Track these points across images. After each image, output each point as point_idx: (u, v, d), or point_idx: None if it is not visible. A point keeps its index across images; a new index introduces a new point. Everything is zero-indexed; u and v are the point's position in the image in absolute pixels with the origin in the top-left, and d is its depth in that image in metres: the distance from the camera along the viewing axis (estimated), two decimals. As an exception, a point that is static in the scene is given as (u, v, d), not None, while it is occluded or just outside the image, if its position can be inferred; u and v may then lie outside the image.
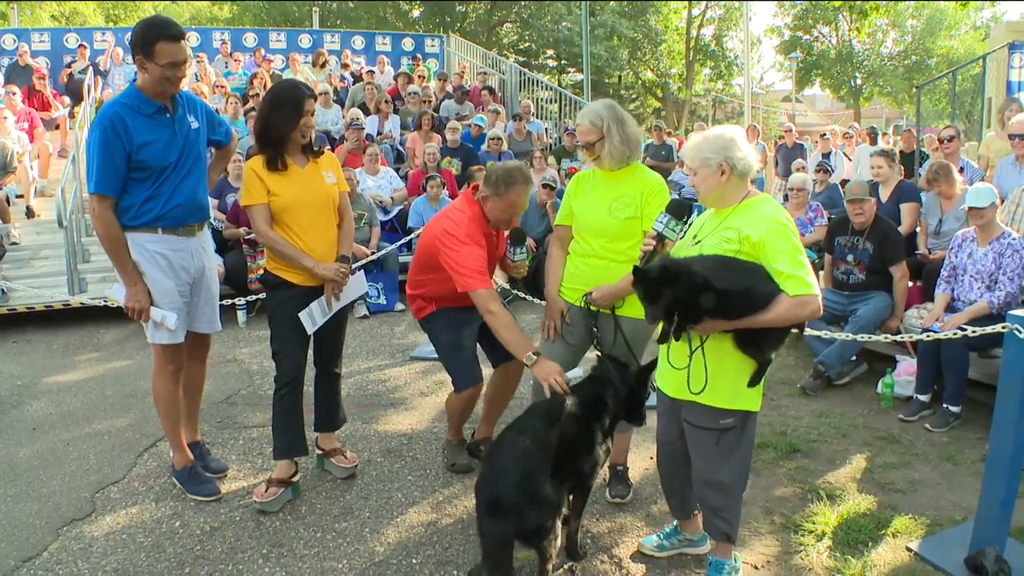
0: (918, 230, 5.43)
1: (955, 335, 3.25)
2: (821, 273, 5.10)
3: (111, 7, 28.11)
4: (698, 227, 2.50)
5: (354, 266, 3.42)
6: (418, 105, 10.11)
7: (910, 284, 4.85)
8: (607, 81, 30.31)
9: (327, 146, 6.02)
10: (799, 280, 2.17)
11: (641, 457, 3.60)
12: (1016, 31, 12.68)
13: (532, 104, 11.93)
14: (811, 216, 6.05)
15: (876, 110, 39.27)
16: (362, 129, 8.48)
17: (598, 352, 2.94)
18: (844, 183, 7.37)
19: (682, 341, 2.37)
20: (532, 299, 5.16)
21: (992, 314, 3.95)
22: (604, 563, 2.76)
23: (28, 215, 7.80)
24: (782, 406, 4.38)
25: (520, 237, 3.35)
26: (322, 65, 12.24)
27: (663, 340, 2.41)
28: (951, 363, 3.99)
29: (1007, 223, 4.61)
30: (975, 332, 3.04)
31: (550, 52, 30.59)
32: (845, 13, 28.45)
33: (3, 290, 6.35)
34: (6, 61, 11.33)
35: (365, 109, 9.94)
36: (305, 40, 14.01)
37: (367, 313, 6.72)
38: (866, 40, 33.62)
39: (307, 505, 3.20)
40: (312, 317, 3.15)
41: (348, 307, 3.46)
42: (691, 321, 2.26)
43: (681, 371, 2.41)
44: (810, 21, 34.80)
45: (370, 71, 11.55)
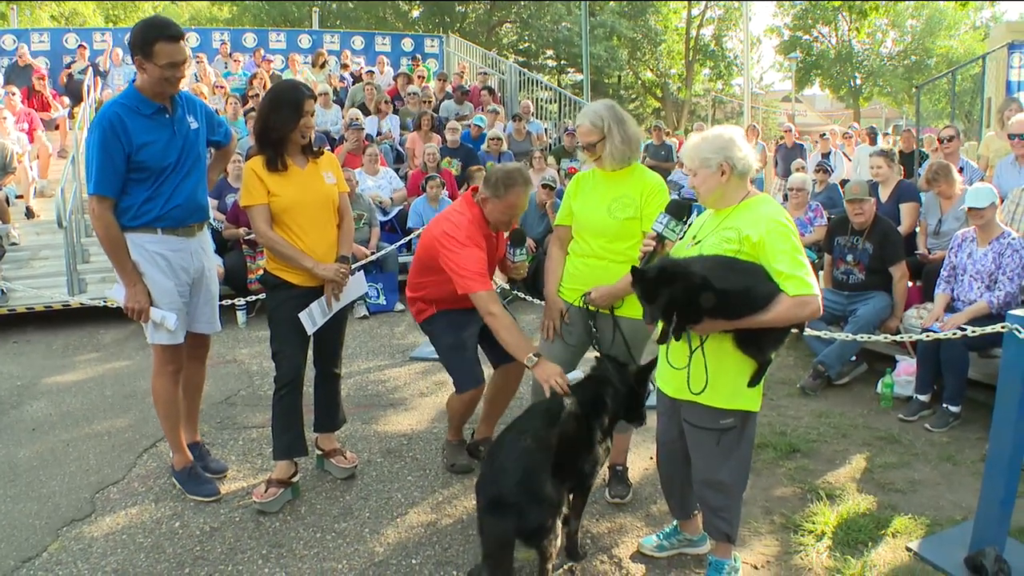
0: (918, 230, 5.44)
1: (955, 335, 3.26)
2: (821, 273, 5.10)
3: (111, 7, 28.11)
4: (698, 227, 2.50)
5: (354, 266, 3.42)
6: (418, 105, 10.11)
7: (910, 284, 4.86)
8: (607, 81, 30.32)
9: (327, 146, 6.01)
10: (799, 280, 2.17)
11: (641, 457, 3.60)
12: (1015, 31, 12.68)
13: (532, 104, 11.93)
14: (811, 216, 6.05)
15: (876, 110, 39.28)
16: (362, 129, 8.49)
17: (597, 352, 2.94)
18: (844, 183, 7.37)
19: (682, 341, 2.37)
20: (532, 299, 5.16)
21: (992, 314, 3.95)
22: (604, 563, 2.76)
23: (28, 215, 7.81)
24: (782, 406, 4.38)
25: (520, 238, 3.35)
26: (322, 65, 12.24)
27: (663, 340, 2.41)
28: (951, 363, 3.99)
29: (1007, 223, 4.61)
30: (975, 332, 3.04)
31: (550, 52, 30.60)
32: (845, 13, 28.49)
33: (3, 290, 6.35)
34: (6, 61, 11.32)
35: (365, 109, 9.95)
36: (305, 40, 14.00)
37: (367, 313, 6.72)
38: (866, 40, 33.65)
39: (307, 506, 3.20)
40: (312, 317, 3.15)
41: (348, 307, 3.46)
42: (691, 321, 2.26)
43: (681, 371, 2.41)
44: (810, 21, 34.82)
45: (370, 71, 11.55)
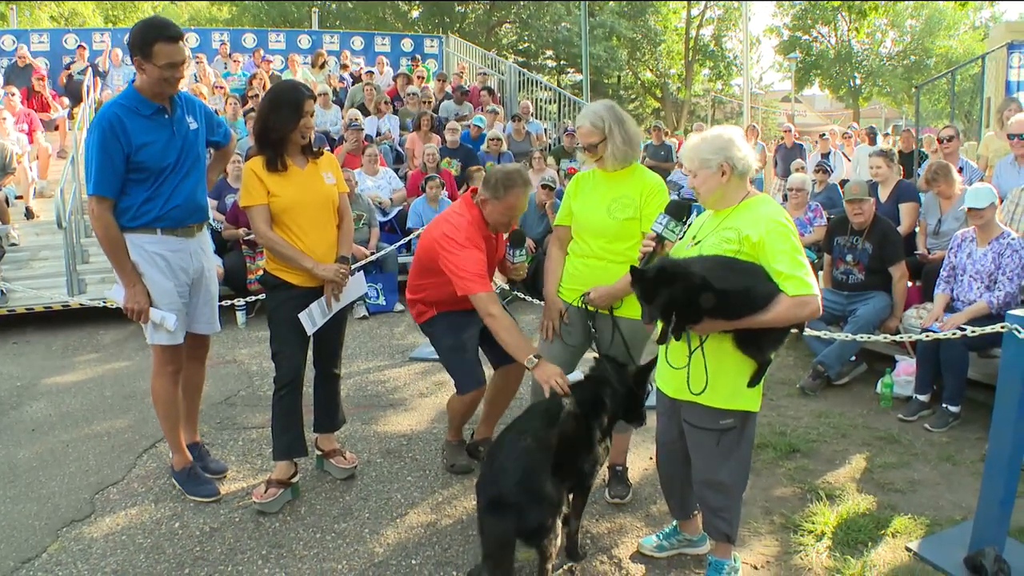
0: (917, 230, 5.44)
1: (954, 335, 3.26)
2: (820, 273, 5.11)
3: (110, 8, 28.10)
4: (697, 228, 2.50)
5: (353, 267, 3.42)
6: (417, 106, 10.11)
7: (909, 284, 4.86)
8: (606, 81, 30.32)
9: (326, 147, 6.01)
10: (798, 280, 2.17)
11: (641, 457, 3.60)
12: (1015, 31, 12.69)
13: (531, 104, 11.93)
14: (810, 216, 6.05)
15: (875, 110, 39.27)
16: (361, 130, 8.49)
17: (595, 353, 2.94)
18: (843, 183, 7.37)
19: (681, 341, 2.37)
20: (531, 300, 5.16)
21: (991, 314, 3.95)
22: (604, 563, 2.76)
23: (27, 216, 7.81)
24: (781, 406, 4.38)
25: (519, 239, 3.35)
26: (321, 66, 12.24)
27: (662, 340, 2.41)
28: (950, 363, 3.99)
29: (1006, 223, 4.62)
30: (974, 332, 3.04)
31: (549, 52, 30.60)
32: (844, 13, 28.50)
33: (2, 291, 6.35)
34: (5, 62, 11.31)
35: (364, 110, 9.95)
36: (304, 41, 14.01)
37: (366, 314, 6.71)
38: (865, 40, 33.65)
39: (307, 506, 3.20)
40: (312, 318, 3.15)
41: (347, 308, 3.46)
42: (690, 321, 2.26)
43: (680, 371, 2.41)
44: (809, 21, 34.82)
45: (369, 72, 11.55)
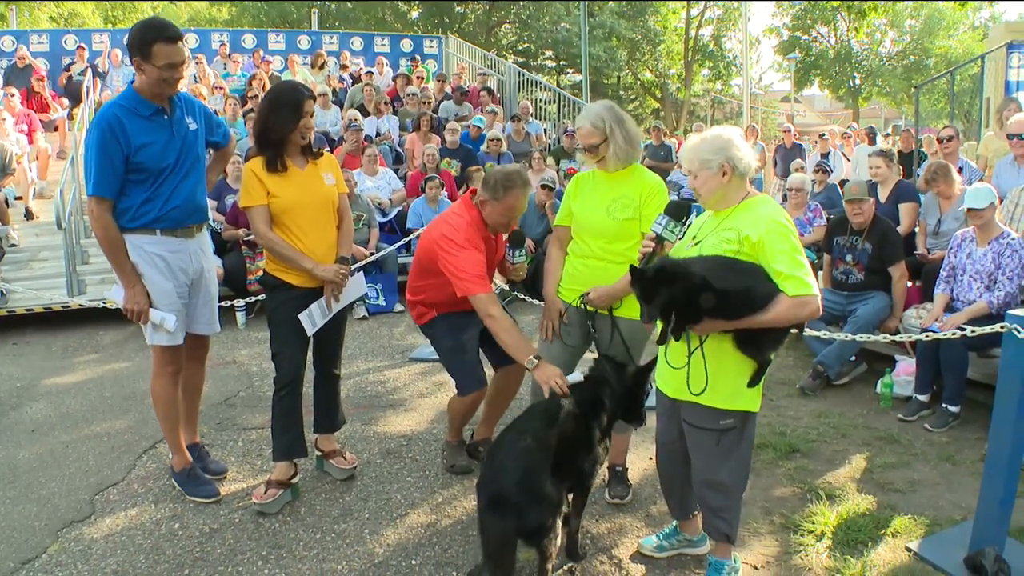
0: (917, 230, 5.44)
1: (954, 335, 3.26)
2: (820, 273, 5.11)
3: (110, 8, 28.09)
4: (697, 228, 2.50)
5: (353, 267, 3.42)
6: (417, 106, 10.11)
7: (909, 284, 4.86)
8: (606, 82, 30.32)
9: (326, 147, 6.01)
10: (798, 280, 2.17)
11: (641, 457, 3.60)
12: (1014, 31, 12.69)
13: (531, 105, 11.93)
14: (810, 216, 6.05)
15: (875, 110, 39.27)
16: (361, 130, 8.49)
17: (595, 353, 2.94)
18: (843, 183, 7.38)
19: (681, 341, 2.37)
20: (531, 300, 5.16)
21: (991, 314, 3.95)
22: (604, 564, 2.76)
23: (27, 217, 7.81)
24: (781, 406, 4.38)
25: (519, 239, 3.35)
26: (321, 66, 12.24)
27: (662, 340, 2.41)
28: (950, 363, 3.99)
29: (1006, 223, 4.62)
30: (974, 332, 3.04)
31: (549, 53, 30.59)
32: (843, 13, 28.51)
33: (2, 292, 6.35)
34: (5, 63, 11.32)
35: (364, 110, 9.95)
36: (304, 41, 14.01)
37: (366, 314, 6.71)
38: (864, 40, 33.66)
39: (306, 507, 3.20)
40: (312, 318, 3.15)
41: (347, 308, 3.46)
42: (690, 321, 2.26)
43: (680, 371, 2.41)
44: (808, 21, 34.82)
45: (369, 72, 11.56)
